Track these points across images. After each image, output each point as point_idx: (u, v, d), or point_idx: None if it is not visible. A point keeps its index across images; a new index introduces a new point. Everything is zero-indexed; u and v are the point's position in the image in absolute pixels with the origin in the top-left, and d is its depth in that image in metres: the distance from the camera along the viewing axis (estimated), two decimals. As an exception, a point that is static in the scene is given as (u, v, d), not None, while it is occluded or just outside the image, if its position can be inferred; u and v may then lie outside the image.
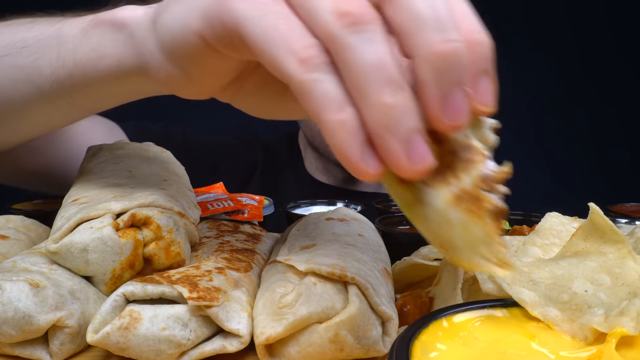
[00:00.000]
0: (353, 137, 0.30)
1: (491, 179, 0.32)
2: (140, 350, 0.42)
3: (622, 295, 0.36)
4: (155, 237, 0.49)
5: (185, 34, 0.37)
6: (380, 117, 0.29)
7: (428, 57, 0.29)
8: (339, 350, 0.42)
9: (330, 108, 0.30)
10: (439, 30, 0.29)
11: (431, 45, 0.29)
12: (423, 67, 0.30)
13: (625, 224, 0.72)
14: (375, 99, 0.29)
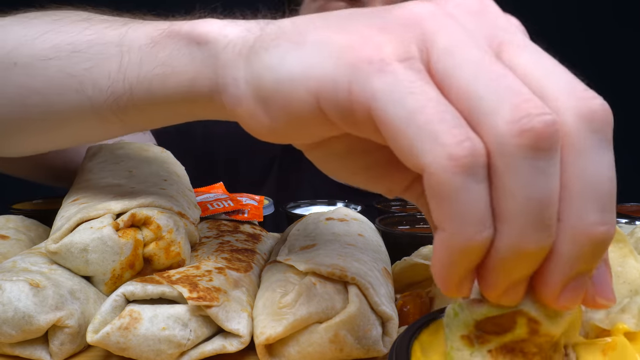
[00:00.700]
0: (469, 261, 0.26)
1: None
2: (140, 350, 0.42)
3: (624, 293, 0.36)
4: (155, 237, 0.49)
5: (295, 87, 0.30)
6: (516, 258, 0.25)
7: (578, 235, 0.25)
8: (339, 350, 0.42)
9: (469, 226, 0.25)
10: (600, 210, 0.25)
11: (588, 225, 0.25)
12: (564, 240, 0.25)
13: (626, 224, 0.72)
14: (519, 239, 0.25)
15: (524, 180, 0.24)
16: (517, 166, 0.24)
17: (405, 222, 0.74)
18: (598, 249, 0.26)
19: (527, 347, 0.28)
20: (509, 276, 0.26)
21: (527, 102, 0.24)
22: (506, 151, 0.24)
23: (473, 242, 0.25)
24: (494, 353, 0.29)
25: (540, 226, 0.25)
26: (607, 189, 0.25)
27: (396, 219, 0.74)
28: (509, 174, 0.24)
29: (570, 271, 0.26)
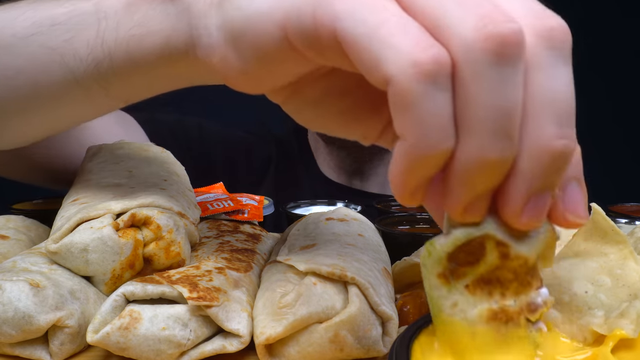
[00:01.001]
0: (428, 170, 0.26)
1: (538, 309, 0.29)
2: (140, 350, 0.42)
3: (623, 297, 0.36)
4: (155, 237, 0.49)
5: (263, 21, 0.31)
6: (479, 168, 0.25)
7: (536, 149, 0.25)
8: (339, 350, 0.42)
9: (431, 135, 0.25)
10: (558, 124, 0.25)
11: (546, 139, 0.25)
12: (523, 156, 0.25)
13: (626, 224, 0.72)
14: (482, 148, 0.25)
15: (489, 87, 0.24)
16: (482, 73, 0.24)
17: (405, 222, 0.74)
18: (558, 164, 0.25)
19: (502, 274, 0.28)
20: (472, 189, 0.26)
21: (493, 12, 0.24)
22: (472, 57, 0.24)
23: (434, 151, 0.25)
24: (470, 288, 0.29)
25: (504, 135, 0.24)
26: (565, 104, 0.25)
27: (396, 219, 0.74)
28: (474, 81, 0.24)
29: (530, 187, 0.26)
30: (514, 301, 0.29)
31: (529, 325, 0.29)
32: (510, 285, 0.29)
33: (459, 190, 0.26)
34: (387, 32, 0.25)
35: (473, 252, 0.28)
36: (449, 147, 0.25)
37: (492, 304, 0.29)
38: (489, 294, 0.29)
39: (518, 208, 0.26)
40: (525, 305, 0.29)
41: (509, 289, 0.29)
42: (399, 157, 0.26)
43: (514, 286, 0.29)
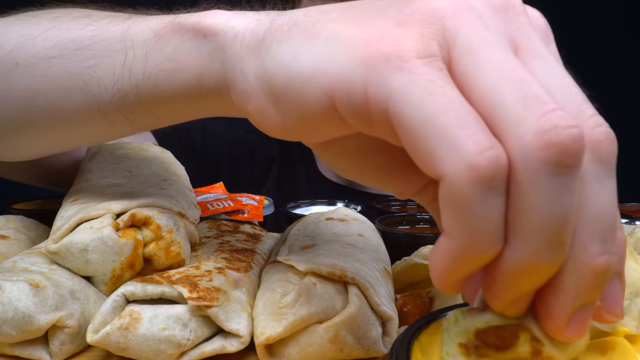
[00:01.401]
0: (471, 270, 0.25)
1: None
2: (140, 350, 0.42)
3: (623, 295, 0.36)
4: (155, 237, 0.49)
5: (308, 85, 0.29)
6: (527, 273, 0.25)
7: (581, 266, 0.24)
8: (339, 350, 0.42)
9: (480, 240, 0.24)
10: (602, 240, 0.24)
11: (591, 256, 0.24)
12: (568, 270, 0.25)
13: (626, 224, 0.72)
14: (533, 254, 0.24)
15: (546, 196, 0.23)
16: (540, 181, 0.23)
17: (405, 222, 0.74)
18: (600, 280, 0.25)
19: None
20: (516, 289, 0.25)
21: (554, 113, 0.23)
22: (530, 165, 0.23)
23: (482, 255, 0.24)
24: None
25: (557, 244, 0.24)
26: (610, 219, 0.25)
27: (396, 219, 0.74)
28: (531, 189, 0.23)
29: (574, 303, 0.25)
30: None
31: None
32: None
33: (503, 289, 0.26)
34: (445, 122, 0.24)
35: (505, 337, 0.27)
36: (497, 251, 0.24)
37: None
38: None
39: (561, 323, 0.26)
40: None
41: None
42: (443, 253, 0.25)
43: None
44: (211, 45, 0.36)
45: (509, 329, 0.27)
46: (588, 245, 0.24)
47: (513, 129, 0.23)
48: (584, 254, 0.24)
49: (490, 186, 0.23)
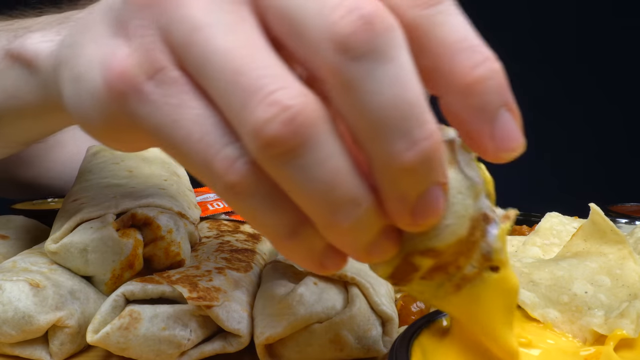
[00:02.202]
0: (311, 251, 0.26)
1: (492, 252, 0.27)
2: (140, 350, 0.42)
3: (622, 297, 0.36)
4: (155, 237, 0.49)
5: (90, 106, 0.28)
6: (346, 235, 0.25)
7: (391, 171, 0.24)
8: (339, 350, 0.42)
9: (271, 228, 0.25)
10: (401, 135, 0.23)
11: (395, 158, 0.23)
12: (384, 182, 0.24)
13: (625, 224, 0.72)
14: (330, 227, 0.25)
15: (296, 181, 0.23)
16: (282, 169, 0.23)
17: (405, 222, 0.74)
18: (421, 170, 0.23)
19: (445, 261, 0.27)
20: (355, 248, 0.25)
21: (266, 100, 0.22)
22: (265, 163, 0.23)
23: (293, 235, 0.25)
24: (427, 277, 0.28)
25: (341, 204, 0.23)
26: (398, 110, 0.23)
27: (396, 219, 0.74)
28: (281, 178, 0.23)
29: (407, 203, 0.24)
30: (471, 266, 0.28)
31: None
32: (459, 259, 0.27)
33: (347, 252, 0.26)
34: (196, 148, 0.24)
35: (406, 268, 0.28)
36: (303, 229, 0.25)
37: (451, 279, 0.28)
38: (446, 273, 0.28)
39: (409, 221, 0.25)
40: (482, 259, 0.27)
41: (459, 261, 0.27)
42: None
43: (462, 258, 0.27)
44: (31, 72, 0.37)
45: (402, 265, 0.27)
46: (387, 147, 0.23)
47: (241, 130, 0.23)
48: (388, 158, 0.23)
49: (246, 192, 0.24)
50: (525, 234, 0.57)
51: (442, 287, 0.28)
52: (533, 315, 0.36)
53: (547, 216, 0.52)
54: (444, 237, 0.26)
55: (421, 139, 0.23)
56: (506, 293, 0.29)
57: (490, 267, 0.28)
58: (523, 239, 0.50)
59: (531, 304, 0.36)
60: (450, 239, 0.27)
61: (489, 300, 0.28)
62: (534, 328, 0.35)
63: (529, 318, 0.36)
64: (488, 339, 0.29)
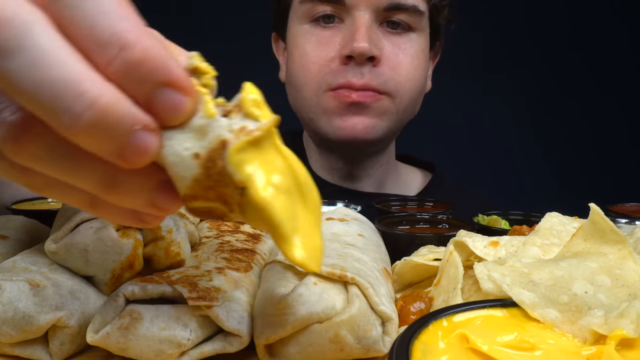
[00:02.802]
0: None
1: (233, 173, 0.29)
2: (140, 350, 0.42)
3: (622, 297, 0.36)
4: (155, 237, 0.49)
5: None
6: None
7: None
8: (339, 350, 0.42)
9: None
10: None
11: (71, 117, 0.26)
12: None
13: (625, 224, 0.72)
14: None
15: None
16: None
17: (405, 222, 0.74)
18: (100, 132, 0.26)
19: (209, 199, 0.30)
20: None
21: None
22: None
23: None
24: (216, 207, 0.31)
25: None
26: (46, 92, 0.25)
27: (396, 219, 0.74)
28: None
29: (114, 156, 0.28)
30: (239, 192, 0.30)
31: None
32: (220, 191, 0.30)
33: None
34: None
35: (194, 208, 0.31)
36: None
37: (232, 207, 0.31)
38: (225, 203, 0.31)
39: (129, 165, 0.28)
40: (235, 184, 0.29)
41: (223, 193, 0.30)
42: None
43: (222, 189, 0.30)
44: None
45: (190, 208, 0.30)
46: (63, 128, 0.26)
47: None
48: (71, 135, 0.26)
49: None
50: (525, 234, 0.57)
51: (232, 212, 0.31)
52: (533, 315, 0.36)
53: (547, 216, 0.52)
54: (183, 184, 0.29)
55: (83, 110, 0.26)
56: (259, 212, 0.30)
57: (240, 189, 0.29)
58: (523, 239, 0.50)
59: (531, 304, 0.36)
60: (187, 182, 0.29)
61: (256, 219, 0.30)
62: (534, 328, 0.35)
63: (529, 318, 0.36)
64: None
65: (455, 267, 0.46)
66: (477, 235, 0.51)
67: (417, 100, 1.07)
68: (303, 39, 1.02)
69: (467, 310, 0.36)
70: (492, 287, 0.41)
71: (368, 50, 0.94)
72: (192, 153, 0.29)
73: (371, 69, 0.97)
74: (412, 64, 1.01)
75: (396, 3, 0.97)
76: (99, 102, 0.26)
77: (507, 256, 0.48)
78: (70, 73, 0.26)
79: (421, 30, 1.03)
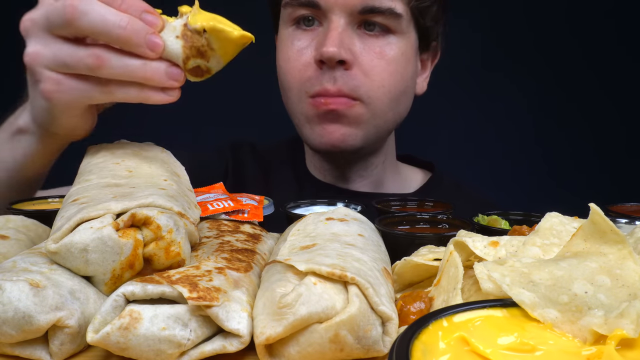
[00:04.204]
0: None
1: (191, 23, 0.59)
2: (140, 350, 0.42)
3: (622, 297, 0.36)
4: (155, 237, 0.49)
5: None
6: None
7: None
8: (339, 350, 0.42)
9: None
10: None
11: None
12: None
13: (625, 224, 0.72)
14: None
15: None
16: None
17: (405, 222, 0.74)
18: (134, 37, 0.59)
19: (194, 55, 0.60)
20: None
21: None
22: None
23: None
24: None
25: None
26: (107, 23, 0.59)
27: (396, 219, 0.74)
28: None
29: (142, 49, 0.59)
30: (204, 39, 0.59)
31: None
32: (201, 51, 0.60)
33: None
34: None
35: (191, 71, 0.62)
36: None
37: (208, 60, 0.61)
38: (203, 57, 0.60)
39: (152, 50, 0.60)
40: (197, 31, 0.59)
41: (203, 50, 0.60)
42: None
43: (199, 48, 0.60)
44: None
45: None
46: (113, 40, 0.61)
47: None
48: (119, 44, 0.60)
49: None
50: (525, 234, 0.57)
51: (209, 58, 0.60)
52: (533, 315, 0.36)
53: (547, 216, 0.52)
54: (178, 53, 0.59)
55: (124, 27, 0.57)
56: (217, 33, 0.58)
57: (203, 32, 0.58)
58: (523, 239, 0.50)
59: (531, 304, 0.36)
60: (179, 51, 0.59)
61: (217, 41, 0.59)
62: (534, 328, 0.35)
63: (529, 318, 0.36)
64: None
65: (455, 267, 0.46)
66: (477, 235, 0.51)
67: (396, 106, 1.04)
68: (286, 43, 1.03)
69: (467, 310, 0.36)
70: (492, 287, 0.41)
71: (337, 54, 0.93)
72: (174, 36, 0.59)
73: (343, 73, 0.96)
74: (387, 69, 0.99)
75: (370, 6, 0.95)
76: (128, 23, 0.57)
77: (507, 256, 0.48)
78: (113, 15, 0.58)
79: (402, 32, 1.00)
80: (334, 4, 0.95)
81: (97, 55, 0.58)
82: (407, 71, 1.03)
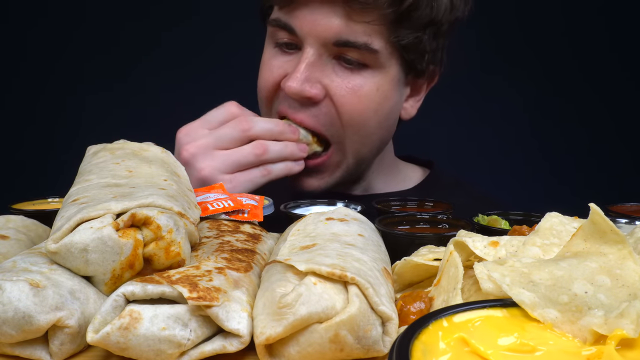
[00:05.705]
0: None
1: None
2: (140, 350, 0.42)
3: (622, 297, 0.35)
4: (155, 237, 0.49)
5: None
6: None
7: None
8: (339, 350, 0.42)
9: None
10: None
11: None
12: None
13: (625, 224, 0.72)
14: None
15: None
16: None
17: (405, 222, 0.74)
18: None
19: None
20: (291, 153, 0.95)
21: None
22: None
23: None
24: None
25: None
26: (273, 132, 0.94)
27: (396, 219, 0.74)
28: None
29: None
30: None
31: None
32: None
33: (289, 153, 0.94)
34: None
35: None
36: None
37: None
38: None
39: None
40: None
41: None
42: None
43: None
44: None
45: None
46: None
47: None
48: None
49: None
50: (525, 234, 0.57)
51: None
52: (533, 315, 0.36)
53: (547, 216, 0.52)
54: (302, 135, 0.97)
55: (277, 124, 0.95)
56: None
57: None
58: (523, 239, 0.50)
59: (531, 303, 0.36)
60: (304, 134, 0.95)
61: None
62: (534, 328, 0.35)
63: (529, 318, 0.36)
64: None
65: (455, 267, 0.46)
66: (477, 235, 0.51)
67: (369, 142, 1.02)
68: (264, 60, 1.04)
69: (467, 310, 0.36)
70: (492, 287, 0.41)
71: (298, 92, 0.93)
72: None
73: (310, 106, 0.96)
74: (359, 106, 0.96)
75: (345, 40, 0.93)
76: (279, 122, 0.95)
77: (507, 256, 0.48)
78: (267, 121, 0.95)
79: (380, 67, 0.96)
80: (307, 33, 0.93)
81: (261, 143, 0.88)
82: (383, 106, 1.00)
